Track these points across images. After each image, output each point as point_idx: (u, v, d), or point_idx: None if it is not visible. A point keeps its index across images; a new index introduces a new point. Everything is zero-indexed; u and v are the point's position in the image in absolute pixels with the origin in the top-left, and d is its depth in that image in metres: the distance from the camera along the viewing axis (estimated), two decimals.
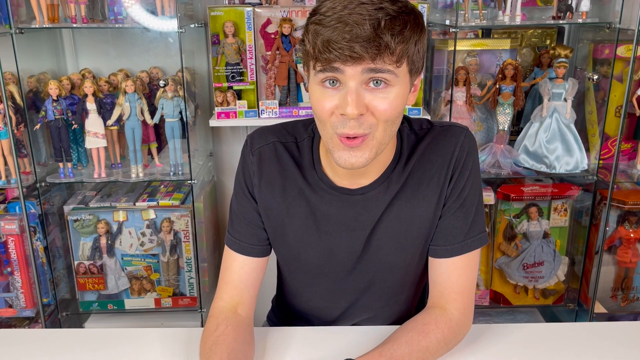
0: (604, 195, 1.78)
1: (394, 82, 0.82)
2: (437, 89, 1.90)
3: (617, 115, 1.73)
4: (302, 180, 0.99)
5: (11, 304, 1.86)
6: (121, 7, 1.68)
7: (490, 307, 2.00)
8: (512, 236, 1.88)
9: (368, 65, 0.79)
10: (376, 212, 0.98)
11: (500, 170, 1.79)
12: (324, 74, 0.82)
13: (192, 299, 1.93)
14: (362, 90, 0.82)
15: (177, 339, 1.07)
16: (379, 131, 0.84)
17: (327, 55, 0.79)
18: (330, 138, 0.86)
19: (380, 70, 0.80)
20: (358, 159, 0.85)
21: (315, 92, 0.85)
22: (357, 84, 0.81)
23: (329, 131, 0.85)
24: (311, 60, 0.84)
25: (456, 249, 0.98)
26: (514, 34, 1.88)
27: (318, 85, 0.84)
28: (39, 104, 1.77)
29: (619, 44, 1.65)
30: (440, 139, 0.98)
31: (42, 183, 1.78)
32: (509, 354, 1.01)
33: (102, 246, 1.85)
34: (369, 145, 0.85)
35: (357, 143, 0.84)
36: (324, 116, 0.84)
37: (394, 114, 0.84)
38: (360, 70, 0.80)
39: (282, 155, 1.00)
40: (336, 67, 0.80)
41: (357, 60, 0.78)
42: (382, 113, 0.83)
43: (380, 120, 0.83)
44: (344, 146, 0.85)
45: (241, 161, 1.05)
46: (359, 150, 0.85)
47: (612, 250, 1.87)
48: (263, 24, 1.76)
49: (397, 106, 0.84)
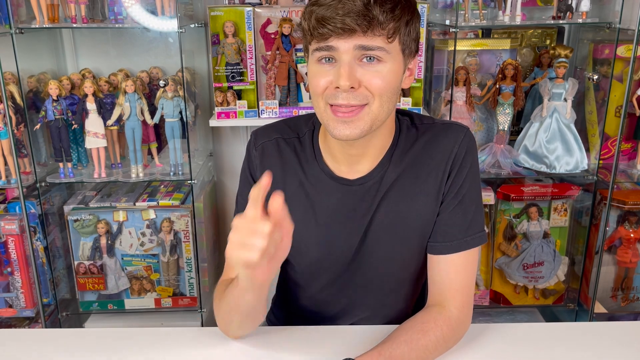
0: (604, 195, 1.78)
1: (386, 58, 0.86)
2: (437, 89, 1.90)
3: (617, 115, 1.73)
4: (303, 173, 1.03)
5: (11, 304, 1.86)
6: (121, 7, 1.68)
7: (490, 307, 2.00)
8: (512, 236, 1.88)
9: (360, 40, 0.84)
10: (373, 202, 1.00)
11: (500, 170, 1.79)
12: (320, 53, 0.87)
13: (192, 299, 1.93)
14: (355, 64, 0.86)
15: (177, 339, 1.07)
16: (375, 105, 0.88)
17: (322, 30, 0.84)
18: (324, 111, 0.90)
19: (371, 47, 0.85)
20: (353, 130, 0.89)
21: (312, 69, 0.90)
22: (351, 58, 0.85)
23: (322, 105, 0.90)
24: (308, 39, 0.89)
25: (455, 245, 0.99)
26: (514, 34, 1.88)
27: (315, 63, 0.89)
28: (39, 104, 1.77)
29: (619, 44, 1.65)
30: (441, 135, 1.00)
31: (42, 183, 1.78)
32: (509, 354, 1.01)
33: (102, 246, 1.85)
34: (364, 118, 0.88)
35: (351, 116, 0.88)
36: (318, 90, 0.89)
37: (387, 89, 0.88)
38: (352, 45, 0.84)
39: (284, 150, 1.04)
40: (331, 44, 0.85)
41: (349, 34, 0.83)
42: (375, 87, 0.87)
43: (375, 94, 0.87)
44: (337, 118, 0.89)
45: (246, 156, 1.09)
46: (352, 122, 0.88)
47: (612, 250, 1.87)
48: (263, 24, 1.76)
49: (389, 82, 0.88)
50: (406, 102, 1.78)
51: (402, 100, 1.78)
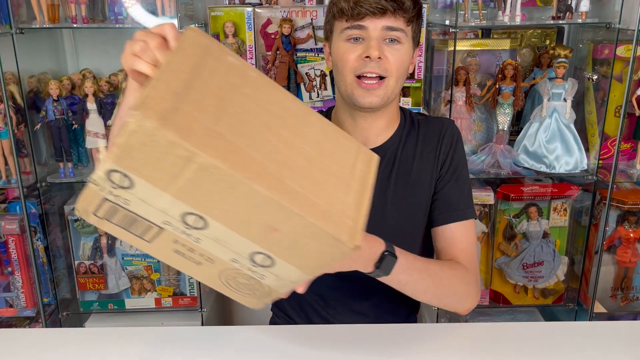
0: (603, 195, 1.78)
1: (404, 40, 1.04)
2: (437, 89, 1.90)
3: (617, 115, 1.73)
4: None
5: (12, 303, 1.86)
6: (122, 7, 1.68)
7: (490, 307, 2.00)
8: (512, 236, 1.88)
9: (389, 21, 1.01)
10: (384, 172, 1.12)
11: (500, 170, 1.80)
12: (351, 31, 1.03)
13: (193, 298, 1.93)
14: (381, 42, 1.03)
15: (177, 338, 1.07)
16: (392, 80, 1.05)
17: (359, 9, 1.00)
18: (351, 83, 1.05)
19: (396, 28, 1.02)
20: (374, 98, 1.05)
21: (341, 47, 1.05)
22: (378, 34, 1.02)
23: (349, 77, 1.05)
24: (339, 19, 1.04)
25: (457, 215, 1.12)
26: (514, 34, 1.88)
27: (343, 42, 1.05)
28: (40, 104, 1.78)
29: (618, 44, 1.65)
30: (436, 125, 1.17)
31: (42, 183, 1.78)
32: (509, 354, 1.01)
33: (102, 246, 1.85)
34: (382, 90, 1.05)
35: (375, 86, 1.04)
36: (348, 64, 1.04)
37: (402, 67, 1.06)
38: (381, 26, 1.02)
39: None
40: (363, 24, 1.02)
41: (381, 15, 1.01)
42: (394, 63, 1.04)
43: (394, 70, 1.04)
44: (362, 87, 1.04)
45: None
46: (375, 91, 1.04)
47: (611, 250, 1.87)
48: (263, 24, 1.77)
49: (404, 61, 1.06)
50: (406, 102, 1.78)
51: (402, 101, 1.78)
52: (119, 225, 0.71)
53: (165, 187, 0.63)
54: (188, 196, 0.64)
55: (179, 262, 0.75)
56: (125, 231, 0.72)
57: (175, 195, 0.64)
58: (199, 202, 0.65)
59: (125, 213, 0.68)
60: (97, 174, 0.63)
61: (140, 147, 0.59)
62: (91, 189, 0.66)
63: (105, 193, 0.66)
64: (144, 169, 0.62)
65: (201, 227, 0.68)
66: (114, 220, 0.70)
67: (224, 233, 0.68)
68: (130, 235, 0.72)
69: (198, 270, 0.76)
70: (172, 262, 0.76)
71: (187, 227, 0.68)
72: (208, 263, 0.74)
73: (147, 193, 0.64)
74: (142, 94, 0.59)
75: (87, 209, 0.69)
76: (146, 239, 0.72)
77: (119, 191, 0.65)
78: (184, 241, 0.71)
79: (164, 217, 0.67)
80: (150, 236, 0.71)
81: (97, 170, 0.63)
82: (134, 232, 0.71)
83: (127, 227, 0.71)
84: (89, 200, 0.68)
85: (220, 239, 0.69)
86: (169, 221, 0.68)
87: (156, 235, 0.71)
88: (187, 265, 0.75)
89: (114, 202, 0.67)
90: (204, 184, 0.62)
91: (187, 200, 0.65)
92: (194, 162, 0.60)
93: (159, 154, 0.60)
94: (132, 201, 0.66)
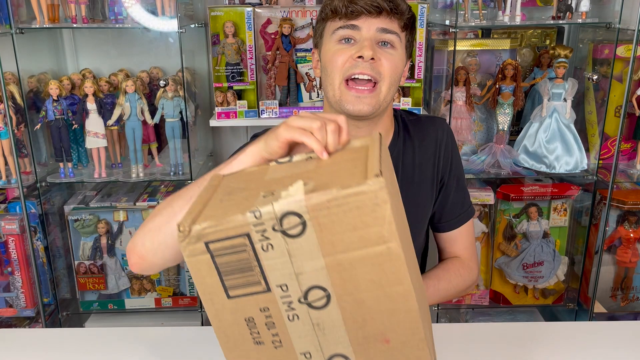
0: (603, 195, 1.78)
1: (397, 45, 0.99)
2: (437, 89, 1.90)
3: (617, 115, 1.73)
4: None
5: (11, 303, 1.86)
6: (121, 7, 1.68)
7: (490, 307, 2.00)
8: (512, 236, 1.88)
9: (384, 22, 0.97)
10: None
11: (500, 170, 1.80)
12: (343, 31, 0.98)
13: (192, 298, 1.93)
14: (374, 44, 0.97)
15: (177, 338, 1.07)
16: (384, 86, 0.98)
17: (355, 7, 0.95)
18: (338, 87, 0.99)
19: (390, 30, 0.97)
20: (365, 105, 0.98)
21: (332, 48, 0.99)
22: (372, 35, 0.97)
23: (338, 81, 0.98)
24: (332, 20, 0.99)
25: (461, 218, 1.16)
26: (514, 34, 1.88)
27: (334, 43, 0.99)
28: (39, 104, 1.78)
29: (618, 44, 1.65)
30: (430, 128, 1.13)
31: (42, 183, 1.78)
32: (509, 354, 1.01)
33: (102, 246, 1.85)
34: (375, 97, 0.98)
35: (366, 92, 0.97)
36: (338, 65, 0.98)
37: (395, 73, 0.99)
38: (375, 27, 0.97)
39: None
40: (357, 24, 0.97)
41: (377, 14, 0.96)
42: (387, 67, 0.97)
43: (386, 75, 0.98)
44: (351, 93, 0.97)
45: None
46: (365, 99, 0.97)
47: (611, 250, 1.87)
48: (263, 24, 1.77)
49: (397, 67, 1.00)
50: (406, 102, 1.78)
51: (402, 101, 1.78)
52: (218, 267, 0.63)
53: (330, 253, 0.60)
54: (341, 272, 0.61)
55: (235, 331, 0.68)
56: (212, 274, 0.63)
57: (330, 265, 0.61)
58: (344, 281, 0.62)
59: (247, 258, 0.62)
60: (268, 209, 0.58)
61: (348, 208, 0.58)
62: (237, 217, 0.59)
63: (254, 229, 0.60)
64: (329, 228, 0.59)
65: (317, 307, 0.64)
66: (220, 259, 0.62)
67: (332, 323, 0.64)
68: (213, 280, 0.64)
69: (249, 349, 0.69)
70: (229, 328, 0.68)
71: (300, 301, 0.63)
72: (271, 346, 0.68)
73: (304, 250, 0.60)
74: (375, 164, 0.60)
75: (204, 231, 0.60)
76: (232, 293, 0.64)
77: (274, 235, 0.60)
78: (275, 313, 0.65)
79: (289, 280, 0.62)
80: (241, 292, 0.64)
81: (274, 205, 0.58)
82: (228, 280, 0.64)
83: (224, 272, 0.63)
84: (220, 225, 0.60)
85: (320, 326, 0.65)
86: (289, 286, 0.63)
87: (249, 293, 0.64)
88: (242, 338, 0.68)
89: (251, 242, 0.61)
90: (366, 268, 0.61)
91: (335, 275, 0.61)
92: (384, 245, 0.59)
93: (359, 224, 0.58)
94: (274, 250, 0.61)
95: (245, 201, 0.62)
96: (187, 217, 0.62)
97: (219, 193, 0.68)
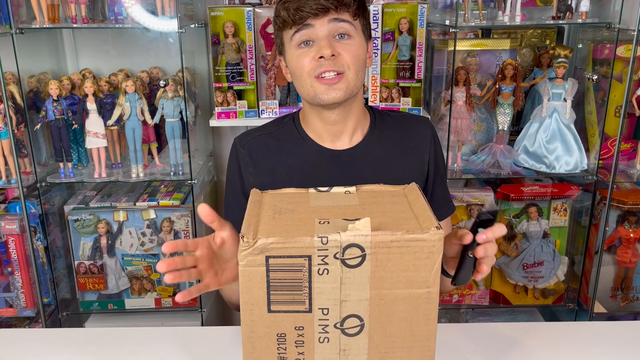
0: (603, 195, 1.78)
1: (354, 34, 1.04)
2: (437, 89, 1.90)
3: (617, 115, 1.73)
4: (291, 157, 1.13)
5: (11, 303, 1.86)
6: (121, 7, 1.68)
7: (490, 307, 2.00)
8: (512, 236, 1.88)
9: (333, 15, 1.01)
10: (362, 171, 1.12)
11: (500, 170, 1.80)
12: (299, 34, 1.02)
13: (193, 299, 1.93)
14: (331, 39, 1.02)
15: (177, 339, 1.07)
16: (350, 74, 1.04)
17: (301, 14, 1.00)
18: (311, 85, 1.04)
19: (343, 20, 1.02)
20: (337, 92, 1.03)
21: (294, 55, 1.05)
22: (327, 32, 1.01)
23: (308, 81, 1.04)
24: (286, 29, 1.04)
25: (444, 212, 1.19)
26: (514, 34, 1.88)
27: (295, 49, 1.04)
28: (39, 104, 1.78)
29: (618, 44, 1.65)
30: (417, 124, 1.18)
31: (42, 183, 1.78)
32: (509, 354, 1.01)
33: (102, 246, 1.85)
34: (344, 84, 1.03)
35: (334, 81, 1.02)
36: (304, 69, 1.03)
37: (358, 60, 1.05)
38: (327, 20, 1.01)
39: (269, 142, 1.16)
40: (308, 23, 1.01)
41: (324, 13, 1.00)
42: (349, 58, 1.03)
43: (351, 64, 1.03)
44: (324, 86, 1.03)
45: (232, 159, 1.19)
46: (336, 86, 1.03)
47: (611, 250, 1.87)
48: (263, 24, 1.77)
49: (359, 55, 1.05)
50: (406, 102, 1.78)
51: (402, 101, 1.78)
52: (270, 280, 0.66)
53: (377, 288, 0.65)
54: (380, 306, 0.67)
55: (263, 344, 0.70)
56: (262, 287, 0.66)
57: (373, 298, 0.66)
58: (380, 315, 0.67)
59: (301, 278, 0.65)
60: (335, 237, 0.62)
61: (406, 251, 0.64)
62: (304, 238, 0.63)
63: (317, 252, 0.63)
64: (384, 265, 0.64)
65: (349, 334, 0.68)
66: (274, 274, 0.65)
67: (358, 351, 0.69)
68: (260, 293, 0.66)
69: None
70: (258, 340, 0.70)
71: (336, 326, 0.68)
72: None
73: (355, 281, 0.65)
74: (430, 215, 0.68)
75: (270, 245, 0.64)
76: (273, 307, 0.67)
77: (334, 262, 0.64)
78: (308, 333, 0.68)
79: (332, 305, 0.66)
80: (283, 308, 0.67)
81: (341, 234, 0.62)
82: (275, 294, 0.67)
83: (274, 286, 0.66)
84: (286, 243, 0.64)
85: (346, 352, 0.69)
86: (330, 311, 0.67)
87: (290, 311, 0.67)
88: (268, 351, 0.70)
89: (310, 264, 0.64)
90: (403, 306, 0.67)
91: (375, 308, 0.66)
92: (426, 289, 0.67)
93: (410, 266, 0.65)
94: (328, 276, 0.64)
95: (302, 224, 0.67)
96: (247, 229, 0.66)
97: (266, 209, 0.73)
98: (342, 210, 0.70)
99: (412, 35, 1.73)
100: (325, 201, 0.76)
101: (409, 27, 1.72)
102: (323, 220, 0.67)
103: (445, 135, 1.76)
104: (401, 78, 1.79)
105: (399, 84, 1.79)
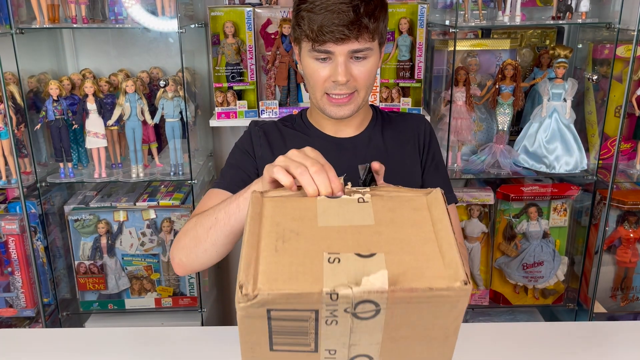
0: (603, 195, 1.78)
1: (370, 54, 1.06)
2: (437, 89, 1.90)
3: (617, 115, 1.73)
4: (299, 141, 1.17)
5: (11, 303, 1.86)
6: (121, 8, 1.68)
7: (490, 307, 2.00)
8: (512, 236, 1.88)
9: (353, 45, 1.02)
10: (365, 158, 1.13)
11: (500, 170, 1.80)
12: (317, 52, 1.04)
13: (192, 298, 1.93)
14: (348, 62, 1.05)
15: (177, 339, 1.07)
16: (361, 93, 1.10)
17: (322, 38, 1.01)
18: (321, 99, 1.10)
19: (361, 50, 1.04)
20: (345, 111, 1.10)
21: (310, 64, 1.07)
22: (345, 59, 1.04)
23: (319, 94, 1.09)
24: (305, 39, 1.05)
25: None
26: (514, 34, 1.88)
27: (312, 59, 1.07)
28: (40, 104, 1.78)
29: (618, 44, 1.65)
30: (411, 119, 1.25)
31: (42, 183, 1.78)
32: (509, 354, 1.01)
33: (102, 246, 1.85)
34: (353, 102, 1.10)
35: (345, 101, 1.08)
36: (318, 83, 1.08)
37: (370, 79, 1.10)
38: (346, 49, 1.03)
39: (283, 129, 1.23)
40: (328, 49, 1.03)
41: (344, 41, 1.01)
42: (362, 80, 1.07)
43: (362, 85, 1.08)
44: (332, 103, 1.09)
45: (246, 134, 1.23)
46: (345, 106, 1.09)
47: (611, 250, 1.87)
48: (263, 24, 1.77)
49: (372, 73, 1.10)
50: (406, 103, 1.78)
51: (402, 101, 1.78)
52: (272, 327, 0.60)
53: (390, 332, 0.60)
54: (392, 348, 0.61)
55: None
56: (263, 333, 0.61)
57: (385, 340, 0.61)
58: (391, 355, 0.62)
59: (306, 326, 0.59)
60: (346, 293, 0.55)
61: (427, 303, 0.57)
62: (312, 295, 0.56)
63: (325, 307, 0.57)
64: (401, 316, 0.58)
65: None
66: (277, 322, 0.59)
67: None
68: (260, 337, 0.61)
69: None
70: None
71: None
72: None
73: (367, 329, 0.59)
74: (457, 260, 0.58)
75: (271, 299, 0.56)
76: (276, 347, 0.63)
77: (344, 315, 0.58)
78: None
79: (340, 347, 0.61)
80: (287, 348, 0.63)
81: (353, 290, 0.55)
82: (277, 337, 0.61)
83: (276, 332, 0.61)
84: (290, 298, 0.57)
85: None
86: (337, 352, 0.62)
87: (294, 350, 0.63)
88: None
89: (317, 316, 0.58)
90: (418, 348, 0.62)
91: (386, 349, 0.62)
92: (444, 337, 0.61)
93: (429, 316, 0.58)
94: (337, 326, 0.58)
95: (309, 263, 0.58)
96: (247, 272, 0.58)
97: (267, 231, 0.64)
98: (354, 236, 0.61)
99: (412, 36, 1.73)
100: (335, 217, 0.67)
101: (409, 27, 1.72)
102: (333, 258, 0.59)
103: (445, 135, 1.76)
104: (401, 78, 1.79)
105: (399, 84, 1.79)
